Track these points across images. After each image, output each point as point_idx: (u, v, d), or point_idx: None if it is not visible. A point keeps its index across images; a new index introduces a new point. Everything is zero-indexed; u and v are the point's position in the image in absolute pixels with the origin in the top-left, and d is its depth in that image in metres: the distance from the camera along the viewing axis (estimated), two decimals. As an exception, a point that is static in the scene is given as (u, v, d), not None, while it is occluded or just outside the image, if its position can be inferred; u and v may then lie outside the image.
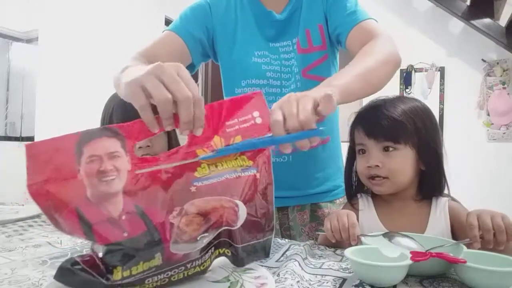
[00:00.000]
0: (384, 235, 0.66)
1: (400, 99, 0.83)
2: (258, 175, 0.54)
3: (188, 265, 0.49)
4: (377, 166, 0.79)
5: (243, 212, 0.52)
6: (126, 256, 0.44)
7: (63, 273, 0.44)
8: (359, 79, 0.67)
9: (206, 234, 0.50)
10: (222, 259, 0.56)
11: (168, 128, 0.49)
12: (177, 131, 0.51)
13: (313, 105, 0.53)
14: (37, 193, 0.42)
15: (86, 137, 0.45)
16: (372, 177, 0.81)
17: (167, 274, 0.48)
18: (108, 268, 0.44)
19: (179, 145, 1.21)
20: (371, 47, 0.77)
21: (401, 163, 0.79)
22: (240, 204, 0.52)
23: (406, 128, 0.78)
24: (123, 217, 0.44)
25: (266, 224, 0.56)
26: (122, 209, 0.45)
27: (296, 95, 0.55)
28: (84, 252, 0.48)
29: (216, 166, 0.51)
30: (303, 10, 0.93)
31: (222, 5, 0.97)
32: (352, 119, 0.89)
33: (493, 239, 0.63)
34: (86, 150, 0.45)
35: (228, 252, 0.55)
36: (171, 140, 1.11)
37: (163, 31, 0.94)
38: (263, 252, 0.58)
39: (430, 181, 0.81)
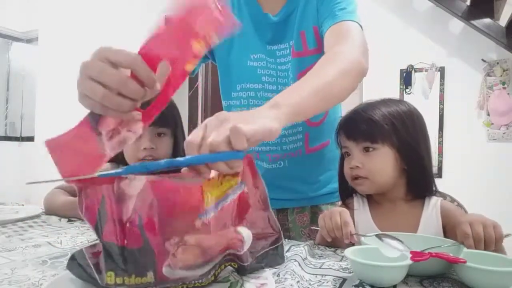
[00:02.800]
0: (376, 235, 0.66)
1: (384, 102, 0.86)
2: (246, 189, 0.50)
3: (186, 281, 0.47)
4: (358, 166, 0.82)
5: (248, 237, 0.50)
6: (120, 264, 0.43)
7: (72, 264, 0.47)
8: (314, 96, 0.60)
9: (205, 265, 0.46)
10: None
11: (132, 117, 0.47)
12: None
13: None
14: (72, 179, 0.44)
15: (95, 117, 0.47)
16: (355, 178, 0.83)
17: None
18: (106, 267, 0.44)
19: None
20: (334, 54, 0.72)
21: (380, 163, 0.81)
22: (244, 230, 0.49)
23: (383, 128, 0.81)
24: (128, 225, 0.44)
25: (271, 230, 0.54)
26: (130, 215, 0.44)
27: (224, 115, 0.48)
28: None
29: (211, 194, 0.47)
30: (298, 11, 0.90)
31: None
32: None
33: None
34: (102, 129, 0.46)
35: (235, 265, 0.53)
36: (178, 145, 1.10)
37: None
38: (278, 258, 0.56)
39: (415, 181, 0.83)
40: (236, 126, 0.44)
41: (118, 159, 1.09)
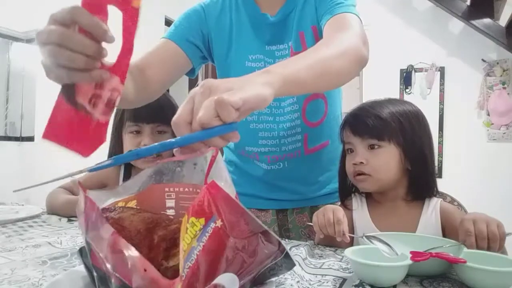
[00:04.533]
0: (366, 237, 0.66)
1: (390, 101, 0.86)
2: (219, 223, 0.40)
3: None
4: (362, 163, 0.81)
5: (231, 282, 0.41)
6: (108, 286, 0.41)
7: (80, 259, 0.47)
8: (309, 69, 0.56)
9: None
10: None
11: (99, 76, 0.47)
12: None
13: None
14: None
15: (68, 89, 0.47)
16: (358, 174, 0.83)
17: None
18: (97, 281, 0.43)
19: None
20: (332, 38, 0.70)
21: (385, 160, 0.81)
22: (222, 279, 0.40)
23: (390, 126, 0.80)
24: (103, 265, 0.41)
25: (270, 249, 0.47)
26: (104, 255, 0.40)
27: (210, 84, 0.44)
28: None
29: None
30: (297, 11, 0.89)
31: (217, 8, 0.94)
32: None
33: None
34: (80, 99, 0.47)
35: None
36: None
37: (160, 38, 0.92)
38: (287, 264, 0.50)
39: (418, 181, 0.83)
40: (220, 99, 0.40)
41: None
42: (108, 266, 0.39)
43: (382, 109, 0.82)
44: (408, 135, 0.81)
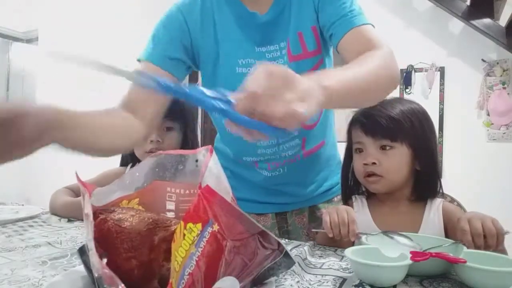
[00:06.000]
0: (384, 233, 0.66)
1: (398, 100, 0.85)
2: (216, 227, 0.40)
3: None
4: (374, 163, 0.80)
5: (232, 286, 0.42)
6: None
7: (81, 258, 0.48)
8: (357, 85, 0.57)
9: None
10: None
11: None
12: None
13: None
14: None
15: None
16: (369, 175, 0.82)
17: None
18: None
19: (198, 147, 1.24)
20: (373, 55, 0.68)
21: (397, 161, 0.80)
22: (223, 283, 0.40)
23: (403, 127, 0.79)
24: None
25: (268, 250, 0.47)
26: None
27: (291, 77, 0.44)
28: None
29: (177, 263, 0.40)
30: (292, 10, 0.83)
31: (197, 10, 0.86)
32: (350, 118, 0.89)
33: (484, 243, 0.63)
34: None
35: None
36: (187, 142, 1.11)
37: (138, 60, 0.85)
38: (287, 263, 0.50)
39: (425, 181, 0.82)
40: (296, 113, 0.42)
41: (131, 159, 1.12)
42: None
43: (393, 108, 0.81)
44: (419, 136, 0.80)
